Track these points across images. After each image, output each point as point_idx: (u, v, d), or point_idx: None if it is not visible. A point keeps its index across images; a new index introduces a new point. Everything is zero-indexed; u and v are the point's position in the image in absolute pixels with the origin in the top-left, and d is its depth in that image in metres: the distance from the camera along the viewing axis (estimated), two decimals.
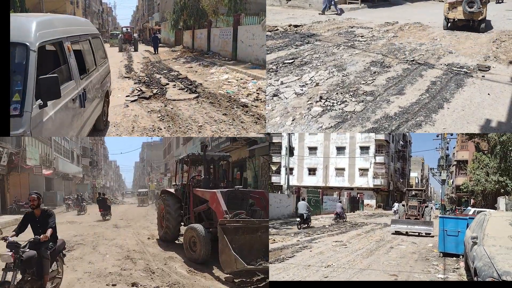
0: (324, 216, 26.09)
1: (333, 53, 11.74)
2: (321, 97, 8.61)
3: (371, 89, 9.00)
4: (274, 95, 9.00)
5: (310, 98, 8.66)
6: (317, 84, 9.35)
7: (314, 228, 17.08)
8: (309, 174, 46.92)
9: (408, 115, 7.84)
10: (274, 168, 24.85)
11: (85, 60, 6.97)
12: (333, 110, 8.10)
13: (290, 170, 30.76)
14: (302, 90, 9.10)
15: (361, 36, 13.52)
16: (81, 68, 6.55)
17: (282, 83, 9.61)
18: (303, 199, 19.71)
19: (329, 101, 8.40)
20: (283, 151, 23.53)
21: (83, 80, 6.57)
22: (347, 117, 7.82)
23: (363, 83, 9.34)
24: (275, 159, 30.99)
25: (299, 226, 16.90)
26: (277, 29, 14.73)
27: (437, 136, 32.96)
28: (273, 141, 35.40)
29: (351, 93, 8.78)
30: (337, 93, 8.81)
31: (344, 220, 21.69)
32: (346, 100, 8.44)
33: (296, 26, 15.10)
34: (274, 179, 36.58)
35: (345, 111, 8.04)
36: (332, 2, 17.99)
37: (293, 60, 11.08)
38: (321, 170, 46.42)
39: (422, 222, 15.98)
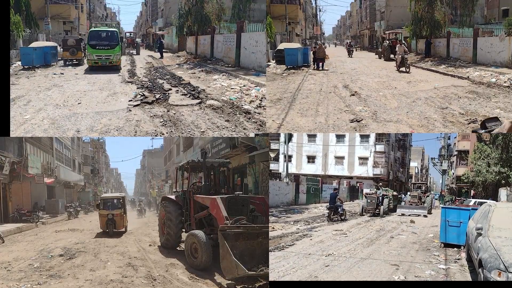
0: (324, 204, 25.86)
1: None
2: None
3: None
4: None
5: None
6: None
7: (313, 217, 18.16)
8: (308, 162, 45.39)
9: None
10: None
11: None
12: None
13: (288, 158, 30.42)
14: None
15: None
16: None
17: None
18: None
19: None
20: (281, 138, 23.93)
21: None
22: None
23: None
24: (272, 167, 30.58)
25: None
26: None
27: None
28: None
29: None
30: None
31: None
32: None
33: None
34: (272, 166, 32.52)
35: None
36: None
37: None
38: (320, 158, 44.90)
39: (419, 207, 21.50)
